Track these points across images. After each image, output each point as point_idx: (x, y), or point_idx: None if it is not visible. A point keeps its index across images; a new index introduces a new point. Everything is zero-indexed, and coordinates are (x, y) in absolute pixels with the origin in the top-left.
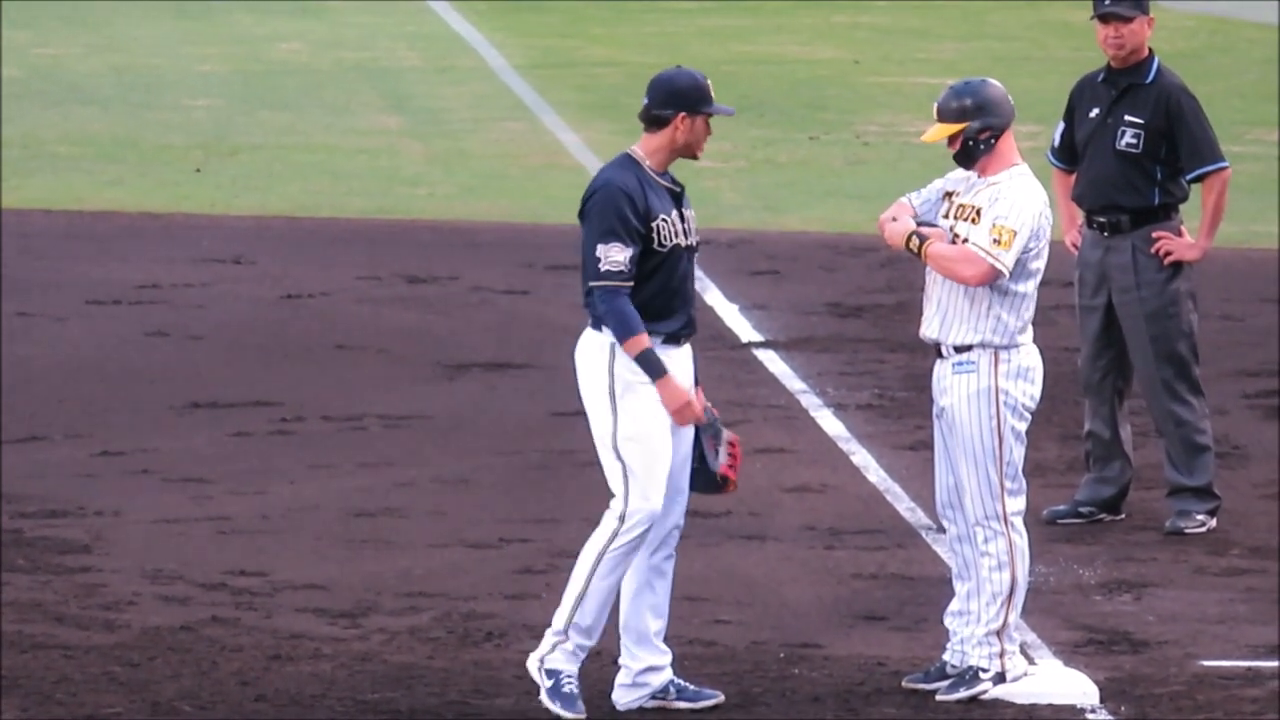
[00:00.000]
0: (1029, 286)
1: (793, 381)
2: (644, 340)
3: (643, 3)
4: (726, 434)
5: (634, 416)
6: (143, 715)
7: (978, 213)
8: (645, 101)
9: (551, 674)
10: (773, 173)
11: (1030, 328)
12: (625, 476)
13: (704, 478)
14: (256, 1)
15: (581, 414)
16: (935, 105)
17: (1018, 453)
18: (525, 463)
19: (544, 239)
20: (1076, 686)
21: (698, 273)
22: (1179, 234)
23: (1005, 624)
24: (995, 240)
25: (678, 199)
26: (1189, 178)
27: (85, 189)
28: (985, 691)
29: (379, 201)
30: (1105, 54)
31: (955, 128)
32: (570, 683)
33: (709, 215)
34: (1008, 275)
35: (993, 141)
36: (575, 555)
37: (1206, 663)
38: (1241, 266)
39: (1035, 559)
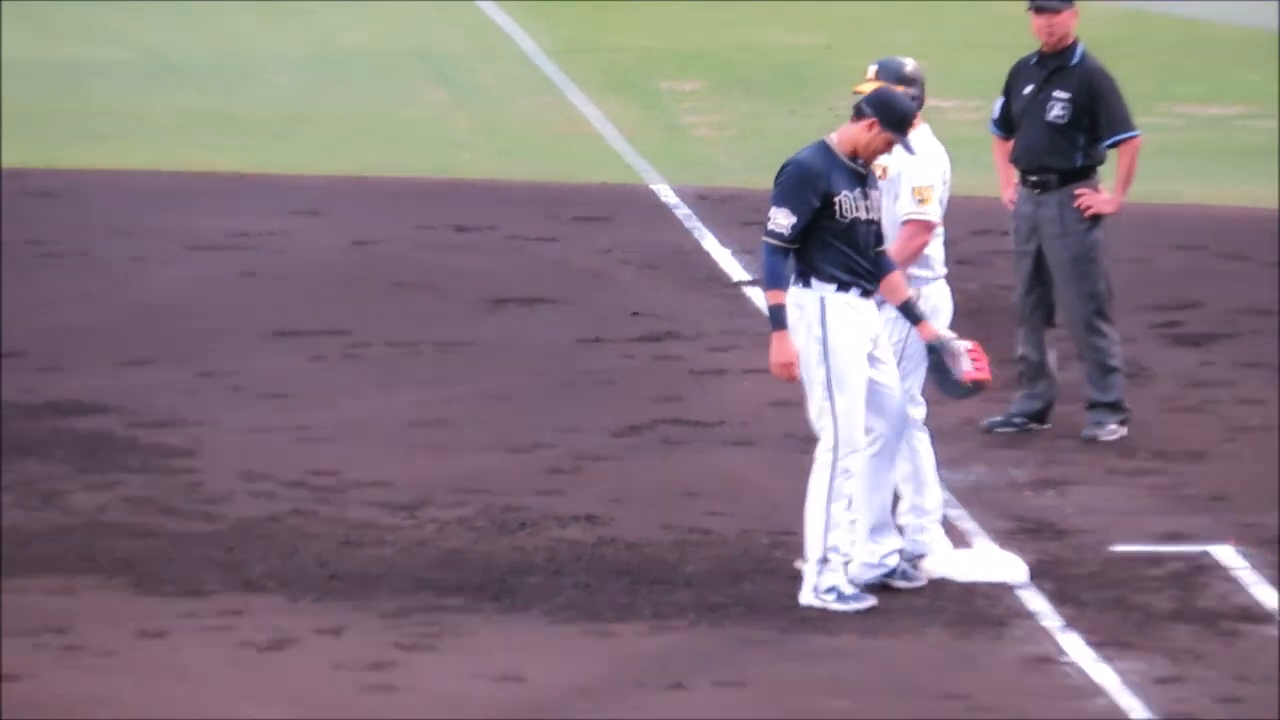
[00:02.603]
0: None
1: None
2: (780, 296)
3: (651, 1)
4: (963, 345)
5: (843, 362)
6: (235, 591)
7: (884, 170)
8: (866, 96)
9: (830, 589)
10: (760, 140)
11: (942, 263)
12: (834, 416)
13: (952, 387)
14: (330, 1)
15: (599, 340)
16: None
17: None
18: (554, 381)
19: (568, 195)
20: (1010, 567)
21: (697, 222)
22: (1098, 191)
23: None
24: (920, 200)
25: (862, 180)
26: (1107, 144)
27: (188, 153)
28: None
29: (431, 163)
30: (1038, 40)
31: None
32: (849, 587)
33: (707, 175)
34: (939, 222)
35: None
36: (596, 457)
37: (1117, 548)
38: (1149, 218)
39: (976, 461)
